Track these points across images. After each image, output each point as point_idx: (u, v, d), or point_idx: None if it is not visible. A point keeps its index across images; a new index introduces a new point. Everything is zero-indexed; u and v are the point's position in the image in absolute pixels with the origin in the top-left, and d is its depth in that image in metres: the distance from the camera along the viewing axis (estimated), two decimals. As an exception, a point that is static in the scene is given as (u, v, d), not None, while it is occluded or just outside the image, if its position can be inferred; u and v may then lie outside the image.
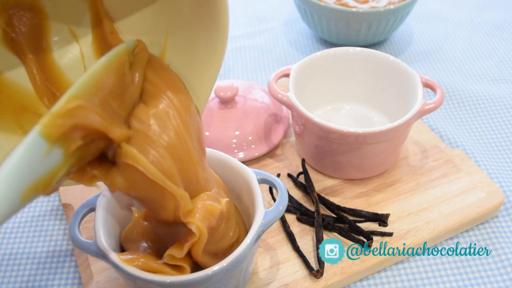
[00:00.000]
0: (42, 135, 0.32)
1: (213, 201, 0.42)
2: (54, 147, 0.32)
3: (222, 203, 0.43)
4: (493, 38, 0.85)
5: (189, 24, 0.42)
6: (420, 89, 0.57)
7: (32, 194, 0.32)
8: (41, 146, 0.32)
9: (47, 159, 0.32)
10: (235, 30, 0.89)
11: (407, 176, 0.59)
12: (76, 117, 0.33)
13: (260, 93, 0.66)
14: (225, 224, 0.45)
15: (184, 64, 0.43)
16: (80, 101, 0.34)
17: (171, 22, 0.42)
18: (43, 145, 0.32)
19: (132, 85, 0.39)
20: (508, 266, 0.52)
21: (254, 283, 0.50)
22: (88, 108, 0.34)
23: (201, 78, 0.44)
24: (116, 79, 0.37)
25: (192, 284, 0.41)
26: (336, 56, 0.63)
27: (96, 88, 0.35)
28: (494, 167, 0.62)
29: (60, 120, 0.32)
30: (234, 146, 0.61)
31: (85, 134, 0.35)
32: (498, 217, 0.57)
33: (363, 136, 0.53)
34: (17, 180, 0.30)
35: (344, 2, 0.77)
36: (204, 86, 0.44)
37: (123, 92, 0.38)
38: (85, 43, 0.43)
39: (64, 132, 0.33)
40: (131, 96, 0.39)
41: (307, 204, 0.57)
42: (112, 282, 0.50)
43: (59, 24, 0.40)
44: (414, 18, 0.90)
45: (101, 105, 0.36)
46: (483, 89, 0.74)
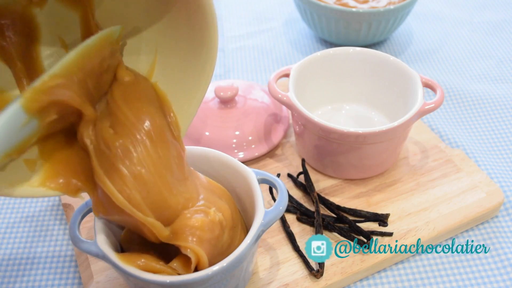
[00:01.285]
0: (23, 107, 0.35)
1: (200, 214, 0.43)
2: (32, 119, 0.36)
3: (211, 214, 0.43)
4: (493, 38, 0.85)
5: (179, 45, 0.43)
6: (420, 89, 0.57)
7: (6, 160, 0.37)
8: (21, 117, 0.35)
9: (24, 129, 0.36)
10: (235, 30, 0.89)
11: (407, 176, 0.59)
12: (55, 94, 0.36)
13: (260, 93, 0.66)
14: (229, 233, 0.45)
15: (172, 83, 0.44)
16: (60, 80, 0.36)
17: (161, 41, 0.44)
18: (23, 117, 0.35)
19: (107, 73, 0.41)
20: (508, 266, 0.52)
21: (254, 283, 0.50)
22: (67, 86, 0.37)
23: (188, 97, 0.45)
24: (97, 62, 0.39)
25: (192, 284, 0.41)
26: (336, 56, 0.63)
27: (77, 68, 0.38)
28: (494, 167, 0.62)
29: (41, 95, 0.35)
30: (234, 146, 0.61)
31: (61, 109, 0.38)
32: (498, 217, 0.57)
33: (363, 136, 0.53)
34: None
35: (344, 2, 0.77)
36: (190, 105, 0.45)
37: (99, 75, 0.40)
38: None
39: (43, 107, 0.36)
40: (105, 81, 0.42)
41: (307, 204, 0.57)
42: (112, 282, 0.50)
43: (49, 34, 0.41)
44: (414, 18, 0.90)
45: (79, 83, 0.38)
46: (483, 89, 0.74)
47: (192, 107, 0.45)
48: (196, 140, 0.61)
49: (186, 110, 0.45)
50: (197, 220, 0.42)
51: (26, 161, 0.40)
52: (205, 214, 0.43)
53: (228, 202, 0.47)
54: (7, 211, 0.60)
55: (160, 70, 0.45)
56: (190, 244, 0.41)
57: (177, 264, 0.42)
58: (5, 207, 0.60)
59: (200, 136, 0.61)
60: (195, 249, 0.41)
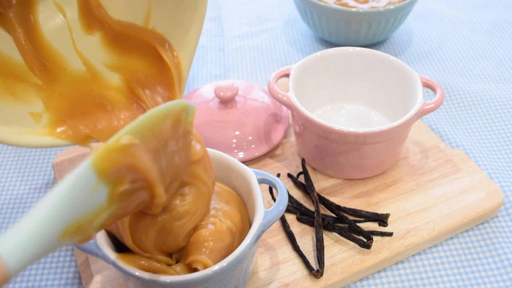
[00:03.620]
0: (93, 167, 0.31)
1: (211, 226, 0.44)
2: (102, 184, 0.32)
3: (217, 224, 0.44)
4: (493, 38, 0.85)
5: None
6: (420, 89, 0.57)
7: (70, 234, 0.31)
8: (90, 179, 0.31)
9: (92, 196, 0.31)
10: (235, 30, 0.89)
11: (407, 176, 0.59)
12: (130, 156, 0.33)
13: (260, 93, 0.66)
14: (239, 237, 0.45)
15: (168, 22, 0.44)
16: (136, 140, 0.33)
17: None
18: (92, 179, 0.31)
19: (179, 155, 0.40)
20: (508, 266, 0.52)
21: (254, 283, 0.50)
22: (143, 150, 0.34)
23: (186, 33, 0.44)
24: (171, 131, 0.37)
25: (192, 284, 0.41)
26: (336, 56, 0.63)
27: (152, 132, 0.35)
28: (494, 167, 0.62)
29: (115, 154, 0.32)
30: (234, 146, 0.61)
31: (134, 179, 0.34)
32: (498, 217, 0.57)
33: (363, 136, 0.53)
34: (62, 210, 0.30)
35: (344, 2, 0.77)
36: (190, 40, 0.45)
37: (172, 154, 0.38)
38: (72, 17, 0.44)
39: (115, 169, 0.32)
40: (177, 165, 0.40)
41: (307, 204, 0.57)
42: (112, 282, 0.50)
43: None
44: (414, 18, 0.90)
45: (153, 155, 0.35)
46: (483, 89, 0.74)
47: (191, 42, 0.44)
48: (196, 140, 0.61)
49: (186, 46, 0.45)
50: (206, 232, 0.43)
51: (32, 114, 0.40)
52: (213, 224, 0.44)
53: (237, 205, 0.48)
54: (7, 210, 0.60)
55: (156, 13, 0.44)
56: (201, 257, 0.42)
57: (180, 269, 0.43)
58: (5, 207, 0.60)
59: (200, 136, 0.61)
60: (203, 260, 0.42)
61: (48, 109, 0.41)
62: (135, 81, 0.44)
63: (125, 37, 0.44)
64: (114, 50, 0.45)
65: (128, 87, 0.44)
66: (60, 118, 0.41)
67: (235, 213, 0.46)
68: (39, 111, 0.41)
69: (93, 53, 0.44)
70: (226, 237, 0.44)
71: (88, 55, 0.44)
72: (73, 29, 0.44)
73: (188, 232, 0.43)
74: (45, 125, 0.41)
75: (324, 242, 0.52)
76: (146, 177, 0.35)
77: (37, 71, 0.42)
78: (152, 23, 0.44)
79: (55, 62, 0.43)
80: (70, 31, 0.44)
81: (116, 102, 0.44)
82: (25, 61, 0.42)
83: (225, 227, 0.44)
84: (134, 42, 0.44)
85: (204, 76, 0.79)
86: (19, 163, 0.66)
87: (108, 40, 0.44)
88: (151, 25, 0.44)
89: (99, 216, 0.33)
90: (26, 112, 0.40)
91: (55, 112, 0.41)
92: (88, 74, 0.44)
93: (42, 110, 0.41)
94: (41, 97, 0.41)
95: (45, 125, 0.41)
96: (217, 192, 0.47)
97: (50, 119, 0.41)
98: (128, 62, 0.45)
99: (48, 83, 0.42)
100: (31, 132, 0.40)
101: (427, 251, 0.54)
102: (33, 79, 0.42)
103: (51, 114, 0.41)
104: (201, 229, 0.43)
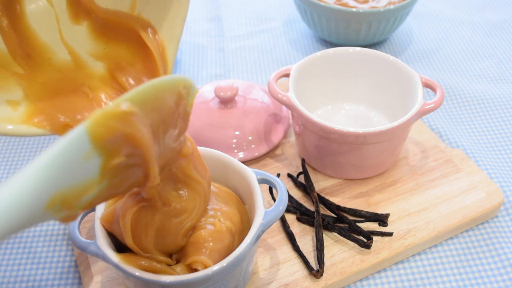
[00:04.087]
0: (88, 132, 0.29)
1: (210, 226, 0.44)
2: (95, 153, 0.29)
3: (216, 224, 0.44)
4: (493, 38, 0.85)
5: None
6: (420, 89, 0.57)
7: (56, 206, 0.29)
8: (84, 145, 0.29)
9: (84, 165, 0.29)
10: (235, 30, 0.89)
11: (407, 176, 0.59)
12: (129, 125, 0.30)
13: (260, 93, 0.66)
14: (239, 238, 0.45)
15: (154, 10, 0.44)
16: (136, 109, 0.31)
17: None
18: (86, 146, 0.29)
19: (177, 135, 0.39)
20: (508, 266, 0.52)
21: (254, 283, 0.50)
22: (142, 122, 0.32)
23: (171, 19, 0.44)
24: (172, 107, 0.36)
25: (192, 284, 0.41)
26: (336, 56, 0.63)
27: (153, 104, 0.33)
28: (494, 167, 0.62)
29: (112, 121, 0.30)
30: (234, 146, 0.61)
31: (130, 153, 0.32)
32: (498, 217, 0.57)
33: (363, 136, 0.53)
34: (50, 176, 0.27)
35: (344, 2, 0.77)
36: (176, 27, 0.44)
37: (171, 134, 0.37)
38: (60, 8, 0.44)
39: (112, 138, 0.30)
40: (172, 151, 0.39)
41: (307, 204, 0.57)
42: (112, 282, 0.50)
43: None
44: (414, 18, 0.90)
45: (152, 131, 0.34)
46: (483, 89, 0.74)
47: (177, 30, 0.44)
48: (196, 140, 0.61)
49: (172, 33, 0.44)
50: (205, 232, 0.44)
51: (9, 101, 0.39)
52: (212, 225, 0.44)
53: (236, 205, 0.48)
54: (7, 211, 0.60)
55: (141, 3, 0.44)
56: (201, 257, 0.42)
57: (180, 269, 0.43)
58: (5, 207, 0.60)
59: (200, 136, 0.61)
60: (203, 260, 0.42)
61: (28, 97, 0.40)
62: (119, 69, 0.43)
63: (111, 24, 0.44)
64: (100, 38, 0.44)
65: (111, 76, 0.43)
66: (39, 108, 0.40)
67: (234, 213, 0.46)
68: (17, 99, 0.39)
69: (79, 43, 0.44)
70: (226, 238, 0.44)
71: (74, 45, 0.43)
72: (60, 19, 0.43)
73: (186, 230, 0.43)
74: (22, 113, 0.39)
75: (324, 242, 0.52)
76: (143, 152, 0.32)
77: (21, 60, 0.41)
78: (137, 10, 0.44)
79: (40, 52, 0.42)
80: (58, 22, 0.43)
81: (98, 91, 0.43)
82: (9, 50, 0.41)
83: (225, 227, 0.44)
84: (119, 29, 0.44)
85: (204, 76, 0.79)
86: (19, 163, 0.66)
87: (95, 29, 0.44)
88: (137, 12, 0.44)
89: (88, 190, 0.31)
90: (3, 100, 0.39)
91: (35, 101, 0.40)
92: (72, 64, 0.43)
93: (21, 98, 0.39)
94: (21, 86, 0.40)
95: (22, 113, 0.39)
96: (216, 193, 0.47)
97: (28, 108, 0.40)
98: (113, 50, 0.44)
99: (30, 72, 0.41)
100: (6, 120, 0.38)
101: (427, 251, 0.54)
102: (15, 68, 0.41)
103: (30, 103, 0.40)
104: (201, 229, 0.44)
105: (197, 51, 0.84)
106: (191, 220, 0.43)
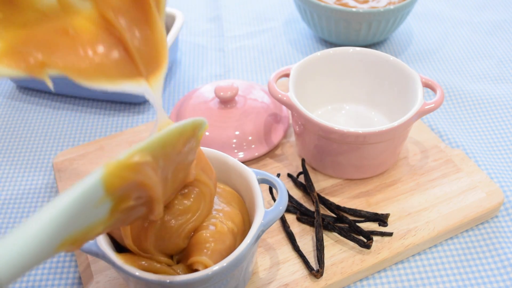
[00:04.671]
0: (103, 182, 0.30)
1: (211, 227, 0.44)
2: (107, 199, 0.30)
3: (218, 225, 0.44)
4: (493, 38, 0.85)
5: None
6: (420, 89, 0.57)
7: (66, 246, 0.30)
8: (98, 193, 0.30)
9: (95, 210, 0.30)
10: (235, 30, 0.89)
11: (407, 176, 0.59)
12: (142, 174, 0.31)
13: (260, 93, 0.66)
14: (240, 238, 0.45)
15: None
16: (149, 158, 0.32)
17: None
18: (100, 194, 0.30)
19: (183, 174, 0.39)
20: (508, 266, 0.52)
21: (254, 283, 0.50)
22: (154, 167, 0.32)
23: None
24: (181, 147, 0.36)
25: (192, 284, 0.41)
26: (336, 56, 0.63)
27: (165, 150, 0.34)
28: (494, 167, 0.62)
29: (126, 172, 0.31)
30: (234, 146, 0.61)
31: (139, 196, 0.33)
32: (498, 217, 0.57)
33: (363, 136, 0.53)
34: (63, 223, 0.28)
35: (344, 2, 0.77)
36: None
37: (179, 170, 0.37)
38: None
39: (124, 186, 0.31)
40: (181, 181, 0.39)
41: (307, 204, 0.57)
42: (112, 282, 0.50)
43: None
44: (414, 18, 0.90)
45: (162, 172, 0.34)
46: (483, 89, 0.74)
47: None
48: (196, 140, 0.61)
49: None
50: (207, 233, 0.43)
51: None
52: (214, 225, 0.44)
53: (238, 205, 0.48)
54: (7, 210, 0.60)
55: None
56: (202, 257, 0.42)
57: (181, 270, 0.43)
58: (5, 206, 0.60)
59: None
60: (204, 261, 0.42)
61: (2, 39, 0.37)
62: (108, 7, 0.41)
63: None
64: None
65: (100, 13, 0.41)
66: (14, 47, 0.37)
67: (236, 214, 0.46)
68: None
69: None
70: (227, 238, 0.44)
71: None
72: None
73: (188, 232, 0.43)
74: None
75: (324, 242, 0.52)
76: (152, 195, 0.34)
77: (1, 5, 0.38)
78: None
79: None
80: None
81: (84, 30, 0.40)
82: None
83: (226, 228, 0.44)
84: None
85: (204, 76, 0.79)
86: (19, 163, 0.66)
87: None
88: None
89: (96, 229, 0.32)
90: None
91: (10, 42, 0.37)
92: (57, 5, 0.40)
93: None
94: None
95: None
96: (218, 193, 0.47)
97: (1, 48, 0.36)
98: None
99: (10, 15, 0.38)
100: None
101: (427, 251, 0.54)
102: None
103: (4, 43, 0.37)
104: (202, 230, 0.43)
105: (197, 51, 0.84)
106: (193, 222, 0.43)
